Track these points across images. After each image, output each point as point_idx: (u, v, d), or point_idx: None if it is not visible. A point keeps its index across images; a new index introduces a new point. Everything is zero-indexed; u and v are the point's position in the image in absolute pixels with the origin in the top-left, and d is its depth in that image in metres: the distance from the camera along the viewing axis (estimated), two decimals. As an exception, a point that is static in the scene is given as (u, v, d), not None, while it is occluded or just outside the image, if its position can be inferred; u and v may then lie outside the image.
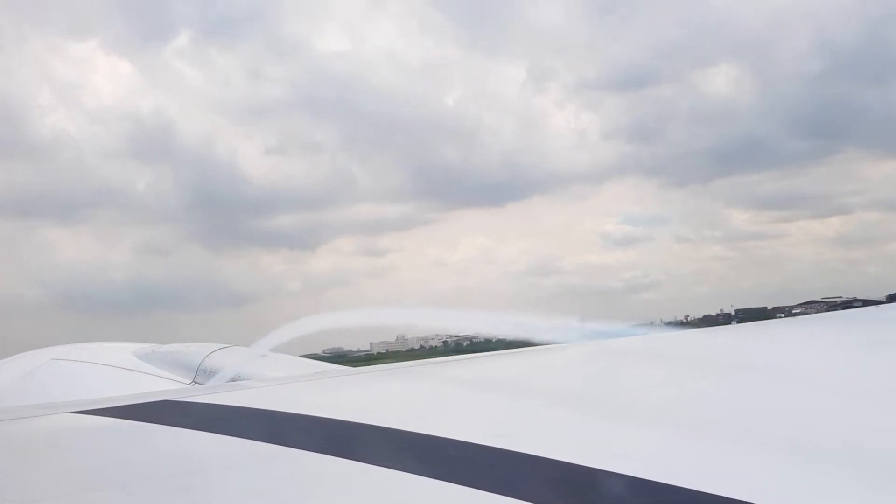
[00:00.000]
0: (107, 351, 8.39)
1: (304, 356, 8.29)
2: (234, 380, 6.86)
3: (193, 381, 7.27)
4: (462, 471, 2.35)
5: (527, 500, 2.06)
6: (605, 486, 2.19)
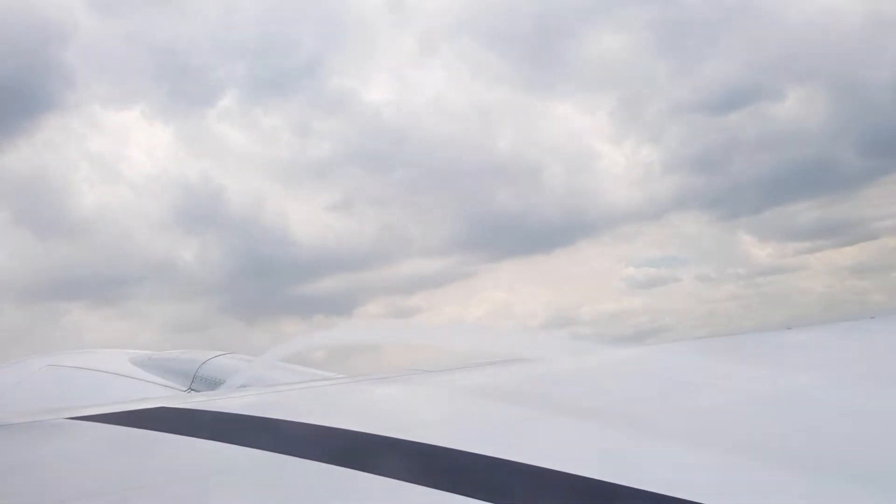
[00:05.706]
0: (103, 357, 8.38)
1: None
2: (231, 387, 6.81)
3: (190, 388, 7.23)
4: (465, 482, 2.30)
5: None
6: (614, 501, 2.11)
